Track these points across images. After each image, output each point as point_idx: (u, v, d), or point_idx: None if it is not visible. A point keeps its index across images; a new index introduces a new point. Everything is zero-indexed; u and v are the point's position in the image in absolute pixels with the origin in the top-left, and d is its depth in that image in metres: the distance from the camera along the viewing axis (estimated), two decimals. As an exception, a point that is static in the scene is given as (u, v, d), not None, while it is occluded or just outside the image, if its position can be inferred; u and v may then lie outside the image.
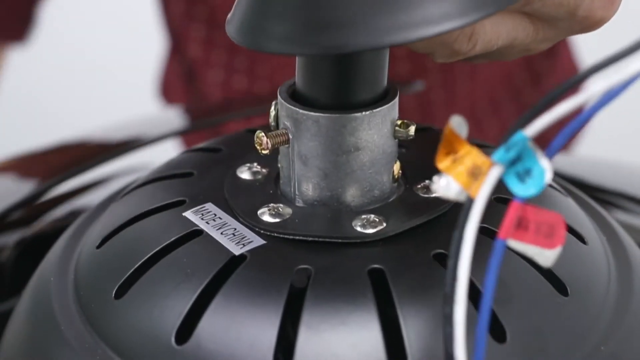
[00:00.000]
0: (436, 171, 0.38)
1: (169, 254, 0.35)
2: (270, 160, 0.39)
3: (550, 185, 0.41)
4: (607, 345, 0.34)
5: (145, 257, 0.35)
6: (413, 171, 0.38)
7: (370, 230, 0.35)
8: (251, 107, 0.69)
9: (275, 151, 0.37)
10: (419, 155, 0.39)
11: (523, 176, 0.26)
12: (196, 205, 0.37)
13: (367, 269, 0.33)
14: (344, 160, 0.35)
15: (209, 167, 0.40)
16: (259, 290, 0.33)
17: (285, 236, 0.35)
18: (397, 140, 0.37)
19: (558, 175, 0.46)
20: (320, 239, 0.35)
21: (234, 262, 0.34)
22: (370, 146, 0.35)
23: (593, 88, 0.25)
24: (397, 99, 0.36)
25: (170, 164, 0.42)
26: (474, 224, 0.27)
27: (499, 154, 0.26)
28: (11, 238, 0.55)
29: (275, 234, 0.35)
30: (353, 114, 0.35)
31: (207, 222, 0.36)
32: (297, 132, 0.36)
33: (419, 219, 0.35)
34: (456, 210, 0.36)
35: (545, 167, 0.26)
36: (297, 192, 0.37)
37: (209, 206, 0.37)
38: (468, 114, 0.78)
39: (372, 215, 0.35)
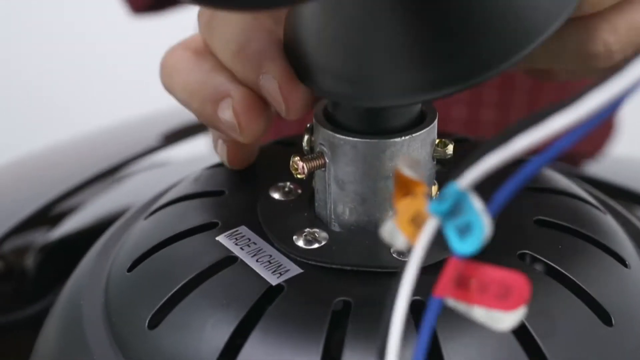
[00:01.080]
0: (474, 190, 0.38)
1: (204, 282, 0.34)
2: (302, 179, 0.38)
3: (587, 202, 0.40)
4: None
5: (179, 285, 0.34)
6: (450, 191, 0.37)
7: (410, 258, 0.34)
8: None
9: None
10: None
11: (464, 231, 0.24)
12: (229, 229, 0.36)
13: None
14: (382, 185, 0.35)
15: (240, 185, 0.39)
16: (298, 324, 0.32)
17: (323, 265, 0.34)
18: (435, 161, 0.36)
19: (585, 180, 0.45)
20: (359, 269, 0.34)
21: (271, 293, 0.33)
22: None
23: (518, 144, 0.22)
24: (436, 121, 0.35)
25: (199, 180, 0.41)
26: (412, 277, 0.24)
27: (434, 205, 0.24)
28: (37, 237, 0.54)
29: (312, 262, 0.34)
30: (393, 139, 0.34)
31: (241, 248, 0.35)
32: (333, 156, 0.35)
33: (459, 245, 0.34)
34: (500, 234, 0.36)
35: (484, 223, 0.23)
36: (332, 216, 0.36)
37: (243, 230, 0.36)
38: None
39: (411, 242, 0.35)
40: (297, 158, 0.35)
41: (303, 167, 0.35)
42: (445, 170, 0.38)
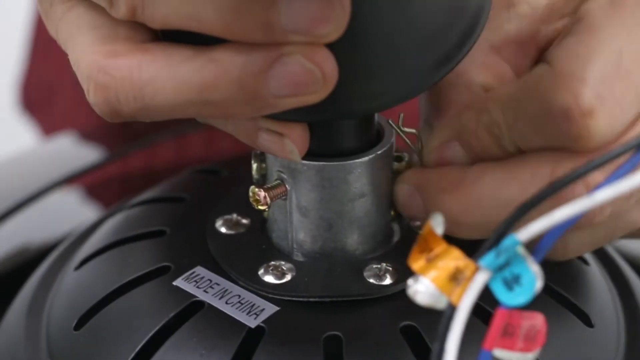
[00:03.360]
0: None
1: (174, 333, 0.31)
2: (247, 208, 0.35)
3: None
4: None
5: (146, 339, 0.31)
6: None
7: (387, 282, 0.32)
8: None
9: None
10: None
11: (511, 283, 0.24)
12: (185, 271, 0.34)
13: (399, 327, 0.31)
14: (349, 208, 0.33)
15: (180, 221, 0.37)
16: (290, 367, 0.30)
17: (299, 299, 0.32)
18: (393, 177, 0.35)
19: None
20: (339, 299, 0.32)
21: (252, 336, 0.31)
22: (375, 190, 0.33)
23: (600, 196, 0.22)
24: (394, 137, 0.34)
25: (131, 220, 0.38)
26: (457, 337, 0.24)
27: (488, 259, 0.23)
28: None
29: (287, 298, 0.32)
30: (358, 160, 0.32)
31: (205, 291, 0.33)
32: (295, 183, 0.33)
33: (432, 262, 0.33)
34: (470, 246, 0.35)
35: (535, 274, 0.23)
36: (295, 246, 0.34)
37: (200, 270, 0.34)
38: None
39: (384, 264, 0.33)
40: (257, 189, 0.32)
41: (265, 197, 0.32)
42: None
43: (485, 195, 0.31)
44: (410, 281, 0.24)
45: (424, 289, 0.24)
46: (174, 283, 0.33)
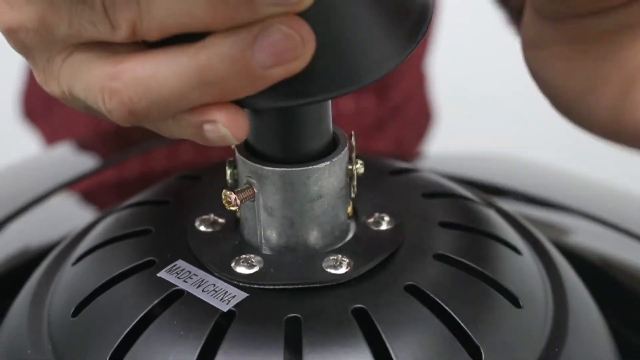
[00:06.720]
0: (383, 203, 0.42)
1: (158, 317, 0.36)
2: (223, 209, 0.40)
3: (473, 200, 0.44)
4: (560, 347, 0.38)
5: (134, 323, 0.36)
6: (360, 205, 0.41)
7: (341, 271, 0.38)
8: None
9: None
10: (363, 188, 0.42)
11: None
12: (167, 265, 0.39)
13: (351, 310, 0.36)
14: (308, 208, 0.38)
15: (164, 221, 0.42)
16: (256, 343, 0.35)
17: (266, 287, 0.37)
18: (348, 179, 0.40)
19: (458, 180, 0.50)
20: (300, 286, 0.37)
21: (224, 319, 0.36)
22: (331, 192, 0.38)
23: None
24: (348, 145, 0.39)
25: (121, 221, 0.43)
26: None
27: None
28: None
29: (255, 286, 0.37)
30: (316, 166, 0.37)
31: (184, 281, 0.38)
32: (262, 186, 0.38)
33: (381, 254, 0.38)
34: (413, 239, 0.40)
35: None
36: (263, 241, 0.39)
37: (181, 263, 0.39)
38: None
39: (339, 255, 0.38)
40: (229, 192, 0.38)
41: (236, 199, 0.38)
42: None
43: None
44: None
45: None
46: (158, 275, 0.38)
